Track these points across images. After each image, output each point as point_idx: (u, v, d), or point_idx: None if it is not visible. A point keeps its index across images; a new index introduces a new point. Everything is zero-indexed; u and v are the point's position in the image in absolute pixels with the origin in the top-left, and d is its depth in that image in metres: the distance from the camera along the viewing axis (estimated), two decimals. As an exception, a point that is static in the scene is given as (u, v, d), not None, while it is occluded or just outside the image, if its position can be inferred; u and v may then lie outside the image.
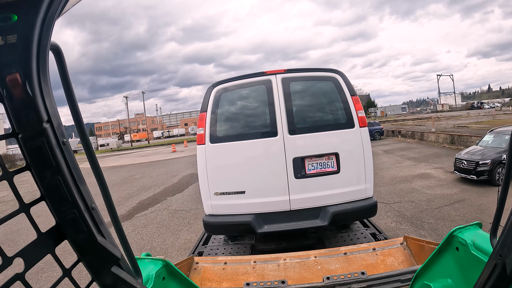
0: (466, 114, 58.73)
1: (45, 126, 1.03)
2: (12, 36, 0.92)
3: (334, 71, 4.48)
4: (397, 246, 3.51)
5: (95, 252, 1.22)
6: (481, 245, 1.96)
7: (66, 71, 1.17)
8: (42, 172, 1.08)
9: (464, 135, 22.63)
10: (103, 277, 1.28)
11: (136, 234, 10.54)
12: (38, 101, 1.00)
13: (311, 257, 3.45)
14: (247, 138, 4.35)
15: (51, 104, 1.06)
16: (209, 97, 4.42)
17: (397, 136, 34.11)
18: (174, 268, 2.44)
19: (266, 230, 4.22)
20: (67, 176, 1.11)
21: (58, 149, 1.08)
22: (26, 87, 0.97)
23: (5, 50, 0.93)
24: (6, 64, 0.94)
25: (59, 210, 1.13)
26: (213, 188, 4.36)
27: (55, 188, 1.09)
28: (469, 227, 2.23)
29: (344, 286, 2.73)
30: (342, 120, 4.36)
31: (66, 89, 1.19)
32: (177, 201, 14.62)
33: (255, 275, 3.36)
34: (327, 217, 4.18)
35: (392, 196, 12.10)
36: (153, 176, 23.52)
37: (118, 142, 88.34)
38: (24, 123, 1.01)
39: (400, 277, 2.68)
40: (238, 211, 4.33)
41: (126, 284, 1.35)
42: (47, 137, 1.04)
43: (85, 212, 1.16)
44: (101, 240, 1.22)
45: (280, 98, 4.32)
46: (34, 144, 1.03)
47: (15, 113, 1.00)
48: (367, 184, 4.33)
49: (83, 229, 1.16)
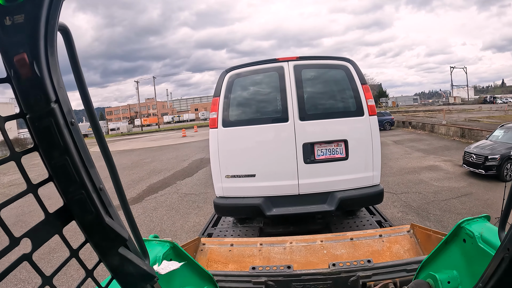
0: (478, 108, 57.70)
1: (53, 106, 1.02)
2: (20, 16, 0.91)
3: (345, 60, 4.54)
4: (404, 234, 3.52)
5: (102, 233, 1.22)
6: (489, 238, 1.93)
7: (75, 53, 1.16)
8: (50, 153, 1.07)
9: (474, 129, 22.40)
10: (110, 257, 1.29)
11: (146, 217, 10.77)
12: (46, 81, 1.00)
13: (317, 241, 3.47)
14: (259, 123, 4.45)
15: (59, 85, 1.05)
16: (222, 82, 4.51)
17: (408, 127, 33.86)
18: (181, 250, 2.44)
19: (275, 213, 4.34)
20: (75, 156, 1.10)
21: (66, 129, 1.07)
22: (34, 67, 0.96)
23: (12, 30, 0.92)
24: (14, 44, 0.93)
25: (66, 190, 1.12)
26: (224, 170, 4.48)
27: (63, 168, 1.09)
28: (477, 219, 2.22)
29: (350, 273, 2.69)
30: (352, 108, 4.43)
31: (75, 71, 1.18)
32: (187, 185, 14.83)
33: (261, 257, 3.39)
34: (334, 202, 4.29)
35: (400, 187, 12.17)
36: (163, 160, 23.72)
37: (129, 126, 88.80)
38: (32, 103, 1.01)
39: (406, 266, 2.67)
40: (248, 194, 4.46)
41: (133, 265, 1.35)
42: (55, 117, 1.03)
43: (93, 193, 1.16)
44: (109, 221, 1.21)
45: (291, 84, 4.40)
46: (42, 124, 1.03)
47: (23, 94, 0.99)
48: (375, 172, 4.43)
49: (90, 209, 1.16)
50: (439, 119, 33.74)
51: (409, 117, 42.85)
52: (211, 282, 2.56)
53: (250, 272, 2.78)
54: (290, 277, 2.72)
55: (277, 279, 2.71)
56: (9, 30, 0.91)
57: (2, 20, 0.89)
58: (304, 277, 2.72)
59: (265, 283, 2.66)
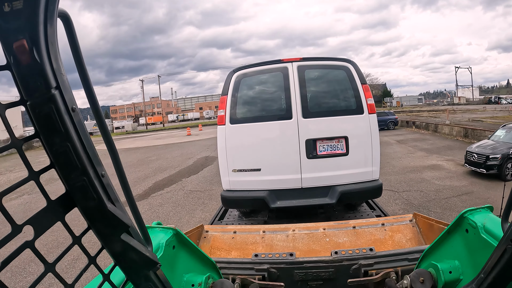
0: (483, 108, 57.47)
1: (53, 92, 1.01)
2: (18, 1, 0.90)
3: (346, 61, 4.78)
4: (406, 223, 3.52)
5: (104, 219, 1.22)
6: (491, 229, 1.93)
7: (76, 40, 1.14)
8: (51, 139, 1.06)
9: (478, 129, 22.43)
10: (112, 244, 1.29)
11: (152, 212, 10.94)
12: (46, 67, 0.99)
13: (320, 229, 3.50)
14: (264, 120, 4.70)
15: (59, 71, 1.03)
16: (229, 81, 4.76)
17: (411, 126, 33.87)
18: (184, 237, 2.44)
19: (279, 205, 4.57)
20: (76, 142, 1.09)
21: (67, 116, 1.06)
22: (34, 54, 0.95)
23: (11, 17, 0.91)
24: (13, 31, 0.92)
25: (68, 177, 1.12)
26: (231, 165, 4.72)
27: (64, 154, 1.08)
28: (480, 209, 2.20)
29: (352, 261, 2.70)
30: (353, 106, 4.66)
31: (76, 58, 1.16)
32: (192, 182, 15.01)
33: (264, 245, 3.42)
34: (335, 195, 4.51)
35: (402, 185, 12.32)
36: (169, 158, 23.91)
37: (133, 124, 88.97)
38: (32, 89, 1.00)
39: (408, 256, 2.65)
40: (254, 187, 4.69)
41: (136, 252, 1.35)
42: (55, 104, 1.02)
43: (94, 179, 1.15)
44: (111, 207, 1.21)
45: (295, 84, 4.63)
46: (43, 110, 1.02)
47: (23, 80, 0.98)
48: (374, 167, 4.65)
49: (92, 196, 1.16)
50: (442, 119, 33.72)
51: (413, 117, 42.78)
52: (214, 269, 2.58)
53: (253, 259, 2.79)
54: (293, 265, 2.75)
55: (279, 267, 2.73)
56: (8, 17, 0.90)
57: (1, 6, 0.89)
58: (306, 265, 2.75)
59: (268, 270, 2.68)
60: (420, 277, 2.17)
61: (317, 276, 2.72)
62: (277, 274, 2.70)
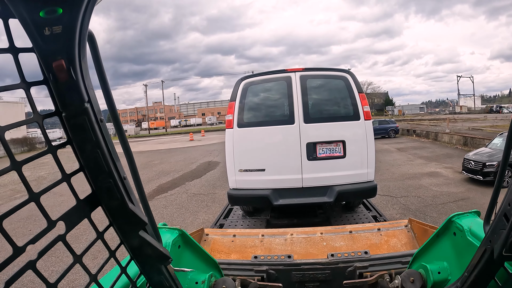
0: (483, 117, 57.51)
1: (86, 106, 1.14)
2: (57, 27, 1.00)
3: (345, 71, 5.17)
4: (402, 228, 3.61)
5: (125, 217, 1.34)
6: (476, 231, 2.04)
7: (99, 57, 1.25)
8: (83, 146, 1.20)
9: (477, 137, 22.72)
10: (131, 239, 1.41)
11: (157, 214, 11.11)
12: (80, 84, 1.11)
13: (317, 233, 3.59)
14: (269, 125, 5.06)
15: (90, 86, 1.16)
16: (238, 88, 5.13)
17: (412, 135, 34.13)
18: (189, 237, 2.56)
19: (281, 203, 4.91)
20: (104, 149, 1.22)
21: (97, 126, 1.19)
22: (71, 72, 1.06)
23: (51, 39, 1.01)
24: (52, 52, 1.03)
25: (96, 179, 1.25)
26: (238, 165, 5.06)
27: (94, 160, 1.21)
28: (467, 214, 2.32)
29: (347, 264, 2.78)
30: (350, 113, 5.03)
31: (100, 74, 1.28)
32: (195, 186, 15.28)
33: (263, 248, 3.50)
34: (333, 194, 4.84)
35: (400, 191, 12.59)
36: (172, 162, 24.14)
37: (136, 129, 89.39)
38: (68, 103, 1.12)
39: (401, 259, 2.74)
40: (258, 186, 5.02)
41: (151, 247, 1.46)
42: (88, 116, 1.15)
43: (118, 181, 1.28)
44: (132, 206, 1.33)
45: (298, 92, 5.00)
46: (77, 121, 1.15)
47: (60, 95, 1.10)
48: (369, 169, 4.99)
49: (116, 196, 1.28)
50: (443, 128, 33.90)
51: (414, 125, 43.05)
52: (216, 268, 2.68)
53: (252, 261, 2.90)
54: (290, 266, 2.86)
55: (277, 268, 2.84)
56: (48, 39, 1.01)
57: (42, 30, 0.99)
58: (303, 266, 2.86)
59: (267, 271, 2.78)
60: (410, 277, 2.28)
61: (314, 278, 2.84)
62: (276, 275, 2.82)
